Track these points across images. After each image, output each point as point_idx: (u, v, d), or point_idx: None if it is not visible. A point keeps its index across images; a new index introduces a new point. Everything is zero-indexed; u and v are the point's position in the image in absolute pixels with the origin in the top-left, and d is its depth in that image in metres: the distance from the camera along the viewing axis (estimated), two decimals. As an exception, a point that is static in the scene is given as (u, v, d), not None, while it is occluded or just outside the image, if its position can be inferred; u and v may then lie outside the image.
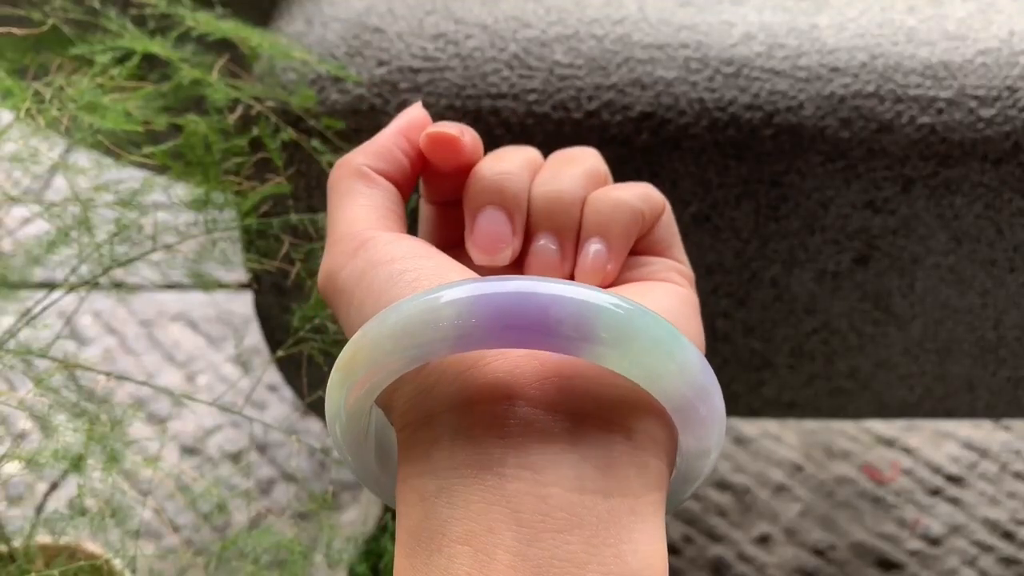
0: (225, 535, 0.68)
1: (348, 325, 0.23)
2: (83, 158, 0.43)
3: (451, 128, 0.26)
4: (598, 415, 0.20)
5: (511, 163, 0.26)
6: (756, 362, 0.48)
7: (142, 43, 0.39)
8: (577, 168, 0.26)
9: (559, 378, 0.20)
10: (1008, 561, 0.70)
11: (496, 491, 0.19)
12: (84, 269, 0.40)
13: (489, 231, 0.25)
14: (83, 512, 0.40)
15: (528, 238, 0.26)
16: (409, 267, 0.22)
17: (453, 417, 0.20)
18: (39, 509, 0.51)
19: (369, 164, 0.26)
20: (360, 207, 0.25)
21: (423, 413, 0.21)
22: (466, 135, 0.27)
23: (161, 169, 0.41)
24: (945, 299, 0.45)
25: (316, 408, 0.51)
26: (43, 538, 0.46)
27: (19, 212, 0.82)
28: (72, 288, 0.40)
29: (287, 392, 0.80)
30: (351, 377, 0.21)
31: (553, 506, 0.19)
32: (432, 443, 0.20)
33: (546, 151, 0.42)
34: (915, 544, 0.71)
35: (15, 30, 0.40)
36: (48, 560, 0.44)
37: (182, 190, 0.42)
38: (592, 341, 0.19)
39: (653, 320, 0.20)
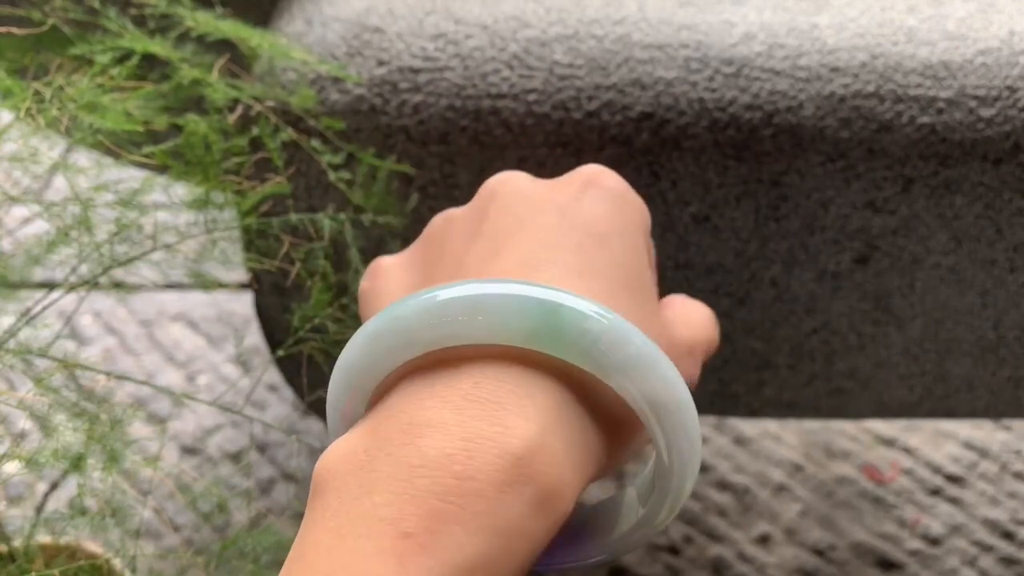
0: (225, 535, 0.68)
1: None
2: (83, 158, 0.43)
3: None
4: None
5: None
6: (756, 362, 0.48)
7: (142, 43, 0.39)
8: None
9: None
10: (1008, 561, 0.70)
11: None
12: (84, 269, 0.40)
13: None
14: (83, 512, 0.40)
15: None
16: None
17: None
18: (39, 509, 0.52)
19: None
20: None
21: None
22: None
23: (161, 169, 0.41)
24: (945, 299, 0.45)
25: (316, 408, 0.51)
26: (43, 538, 0.46)
27: (19, 212, 0.82)
28: (72, 288, 0.40)
29: (287, 392, 0.80)
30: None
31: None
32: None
33: (546, 151, 0.42)
34: (915, 544, 0.71)
35: (15, 30, 0.40)
36: (48, 560, 0.44)
37: (182, 190, 0.42)
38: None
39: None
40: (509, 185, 0.26)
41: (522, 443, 0.19)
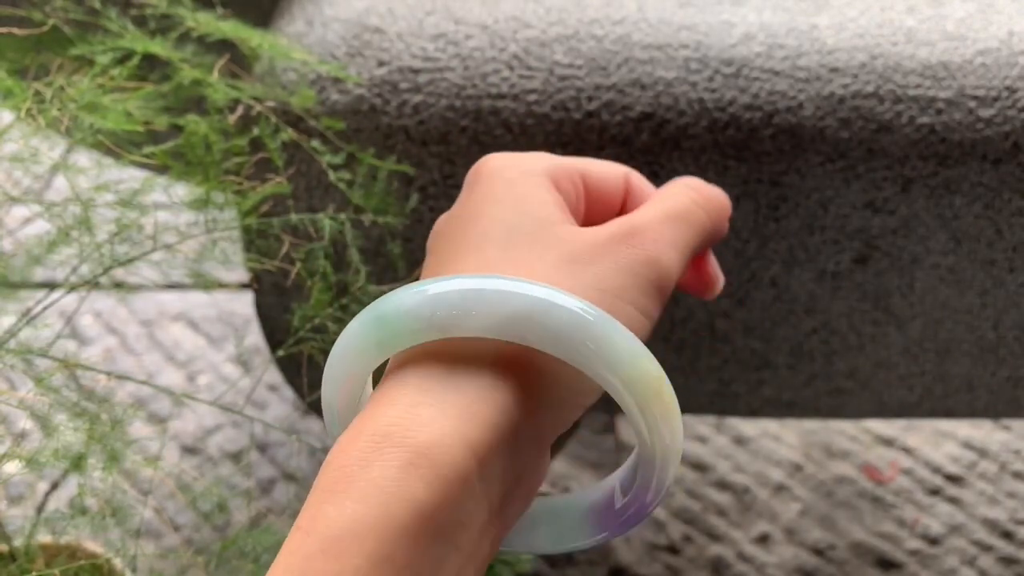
0: (225, 535, 0.68)
1: None
2: (83, 158, 0.43)
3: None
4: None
5: None
6: (756, 362, 0.48)
7: (142, 43, 0.40)
8: None
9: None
10: (1008, 561, 0.70)
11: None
12: (85, 269, 0.40)
13: None
14: (84, 511, 0.40)
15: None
16: None
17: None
18: (40, 508, 0.52)
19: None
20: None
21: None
22: None
23: (161, 169, 0.41)
24: (945, 299, 0.45)
25: (316, 408, 0.51)
26: (44, 537, 0.46)
27: (20, 212, 0.82)
28: (73, 288, 0.40)
29: (287, 392, 0.81)
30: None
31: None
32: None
33: (546, 151, 0.42)
34: (915, 544, 0.71)
35: (16, 30, 0.40)
36: (49, 559, 0.44)
37: (182, 190, 0.42)
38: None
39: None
40: (433, 231, 0.29)
41: (385, 421, 0.21)
